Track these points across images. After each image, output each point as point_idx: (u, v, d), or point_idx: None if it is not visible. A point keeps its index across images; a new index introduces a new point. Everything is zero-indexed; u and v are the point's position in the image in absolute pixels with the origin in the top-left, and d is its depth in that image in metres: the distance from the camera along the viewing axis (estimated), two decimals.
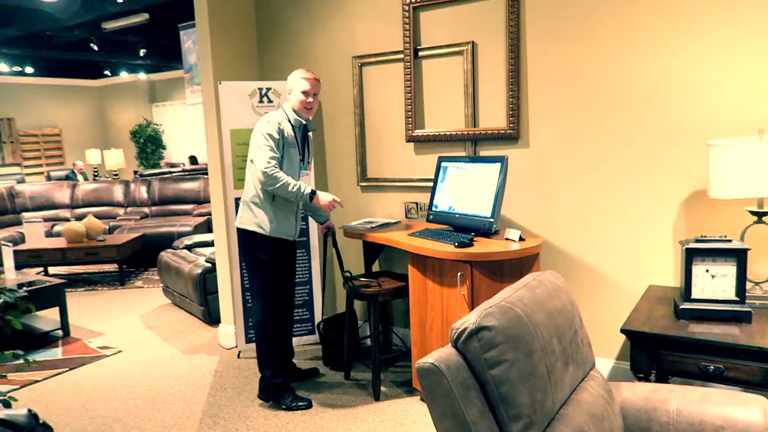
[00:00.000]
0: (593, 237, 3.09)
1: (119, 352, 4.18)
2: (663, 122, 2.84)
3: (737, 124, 2.65)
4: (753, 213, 2.44)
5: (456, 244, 2.74)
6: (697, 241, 2.29)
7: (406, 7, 3.48)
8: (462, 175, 3.15)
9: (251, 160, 3.03)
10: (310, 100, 3.08)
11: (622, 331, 2.25)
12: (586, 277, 3.13)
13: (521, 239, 2.83)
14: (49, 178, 11.24)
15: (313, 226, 3.90)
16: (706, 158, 2.69)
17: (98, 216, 7.59)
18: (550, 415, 1.60)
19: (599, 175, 3.04)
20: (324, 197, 3.06)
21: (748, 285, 2.41)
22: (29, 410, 1.57)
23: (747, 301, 2.30)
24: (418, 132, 3.56)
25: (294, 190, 2.94)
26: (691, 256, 2.29)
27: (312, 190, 3.00)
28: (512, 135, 3.22)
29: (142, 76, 13.33)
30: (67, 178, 10.72)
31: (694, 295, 2.31)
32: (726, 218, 2.71)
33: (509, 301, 1.64)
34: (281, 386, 3.17)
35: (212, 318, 4.60)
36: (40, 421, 1.52)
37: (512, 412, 1.51)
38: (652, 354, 2.23)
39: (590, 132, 3.03)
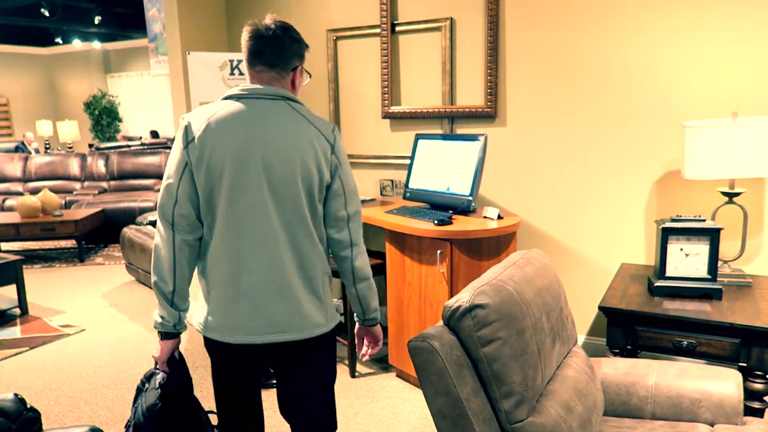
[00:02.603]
0: (568, 216, 3.14)
1: (82, 330, 4.05)
2: (639, 104, 2.88)
3: (711, 106, 2.71)
4: (724, 194, 2.51)
5: (436, 221, 2.74)
6: (673, 220, 2.35)
7: None
8: (440, 152, 3.14)
9: None
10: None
11: (600, 308, 2.30)
12: (561, 255, 3.18)
13: (499, 218, 2.85)
14: None
15: None
16: (681, 139, 2.75)
17: (53, 190, 7.31)
18: (539, 392, 1.62)
19: (575, 155, 3.07)
20: None
21: (718, 263, 2.49)
22: (15, 395, 1.49)
23: (717, 279, 2.38)
24: (395, 108, 3.52)
25: None
26: (666, 235, 2.34)
27: None
28: (489, 113, 3.22)
29: (96, 44, 12.75)
30: (17, 150, 10.23)
31: (668, 273, 2.37)
32: (696, 198, 2.79)
33: (501, 280, 1.64)
34: None
35: None
36: (28, 406, 1.45)
37: (504, 389, 1.53)
38: (628, 330, 2.29)
39: (567, 112, 3.06)
